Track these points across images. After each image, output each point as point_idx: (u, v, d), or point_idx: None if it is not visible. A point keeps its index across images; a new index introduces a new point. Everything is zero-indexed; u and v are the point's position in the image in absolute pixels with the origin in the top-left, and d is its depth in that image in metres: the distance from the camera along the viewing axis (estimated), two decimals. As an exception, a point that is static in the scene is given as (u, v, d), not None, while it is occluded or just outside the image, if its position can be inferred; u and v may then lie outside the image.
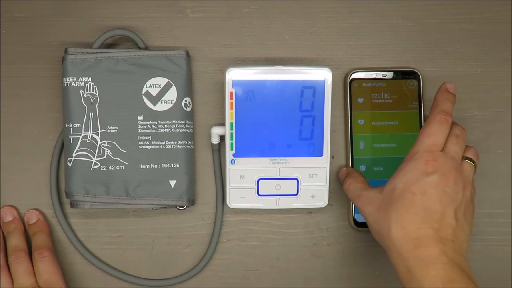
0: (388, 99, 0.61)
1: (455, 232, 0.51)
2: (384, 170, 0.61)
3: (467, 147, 0.55)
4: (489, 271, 0.63)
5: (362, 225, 0.61)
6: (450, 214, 0.51)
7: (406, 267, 0.49)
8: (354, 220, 0.62)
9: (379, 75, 0.61)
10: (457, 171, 0.52)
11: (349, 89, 0.61)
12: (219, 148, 0.62)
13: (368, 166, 0.61)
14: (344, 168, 0.61)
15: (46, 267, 0.57)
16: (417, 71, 0.62)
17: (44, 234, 0.60)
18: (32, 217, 0.61)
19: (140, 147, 0.59)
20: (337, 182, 0.63)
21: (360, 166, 0.61)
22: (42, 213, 0.61)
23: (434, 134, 0.53)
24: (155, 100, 0.59)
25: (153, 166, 0.59)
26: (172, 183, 0.59)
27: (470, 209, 0.54)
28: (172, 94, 0.59)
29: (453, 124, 0.55)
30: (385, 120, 0.61)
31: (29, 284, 0.56)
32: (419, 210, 0.50)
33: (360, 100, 0.61)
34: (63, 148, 0.60)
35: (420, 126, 0.61)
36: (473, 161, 0.54)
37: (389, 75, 0.62)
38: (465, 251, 0.51)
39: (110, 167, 0.59)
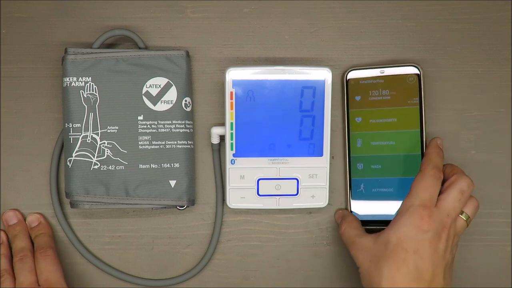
0: (386, 96, 0.61)
1: None
2: (382, 168, 0.61)
3: (469, 199, 0.56)
4: (489, 271, 0.63)
5: (362, 224, 0.61)
6: (439, 274, 0.52)
7: None
8: (354, 219, 0.62)
9: (377, 71, 0.61)
10: (450, 229, 0.53)
11: (346, 87, 0.61)
12: (219, 148, 0.62)
13: (366, 164, 0.61)
14: (340, 211, 0.62)
15: (47, 265, 0.57)
16: (417, 66, 0.61)
17: (46, 235, 0.60)
18: (33, 221, 0.61)
19: (140, 147, 0.59)
20: (337, 182, 0.63)
21: (358, 164, 0.61)
22: (43, 216, 0.61)
23: (429, 188, 0.54)
24: (155, 100, 0.59)
25: (153, 166, 0.59)
26: (172, 183, 0.59)
27: (452, 266, 0.55)
28: (172, 94, 0.59)
29: (463, 176, 0.55)
30: (383, 117, 0.61)
31: (29, 282, 0.56)
32: (411, 269, 0.51)
33: (357, 98, 0.61)
34: (63, 148, 0.60)
35: (421, 122, 0.61)
36: (468, 217, 0.55)
37: (388, 71, 0.61)
38: None
39: (110, 167, 0.59)
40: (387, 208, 0.61)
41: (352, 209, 0.61)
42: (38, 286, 0.56)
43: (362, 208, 0.61)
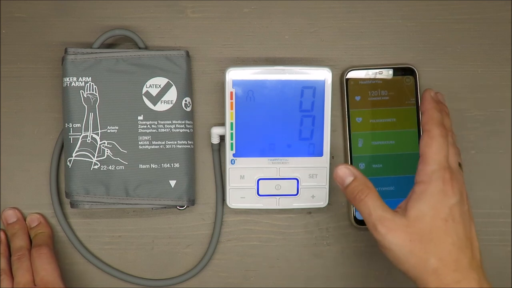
0: (385, 96, 0.61)
1: (479, 251, 0.51)
2: (383, 167, 0.61)
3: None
4: (489, 271, 0.63)
5: (362, 223, 0.61)
6: (474, 235, 0.51)
7: None
8: (355, 218, 0.62)
9: (376, 72, 0.61)
10: (464, 185, 0.51)
11: (345, 87, 0.61)
12: (219, 148, 0.62)
13: (367, 164, 0.61)
14: (345, 167, 0.52)
15: (43, 264, 0.57)
16: (413, 67, 0.62)
17: (45, 234, 0.60)
18: (33, 220, 0.61)
19: (140, 147, 0.59)
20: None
21: (359, 164, 0.61)
22: (43, 216, 0.61)
23: (442, 149, 0.50)
24: (155, 100, 0.59)
25: (153, 166, 0.59)
26: (172, 183, 0.59)
27: None
28: (172, 94, 0.59)
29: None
30: (383, 117, 0.61)
31: (25, 282, 0.56)
32: (454, 239, 0.49)
33: (357, 98, 0.61)
34: (63, 148, 0.60)
35: (418, 122, 0.61)
36: (459, 163, 0.54)
37: (385, 72, 0.62)
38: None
39: (110, 167, 0.59)
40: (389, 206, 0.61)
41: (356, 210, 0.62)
42: (35, 285, 0.56)
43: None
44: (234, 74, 0.57)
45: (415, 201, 0.50)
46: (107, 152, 0.59)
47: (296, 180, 0.59)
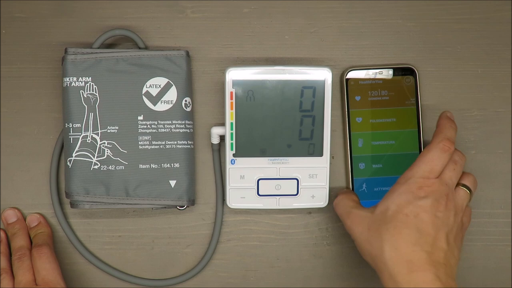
0: (385, 96, 0.61)
1: (447, 256, 0.51)
2: (383, 167, 0.61)
3: (465, 174, 0.56)
4: (489, 271, 0.63)
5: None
6: (442, 238, 0.51)
7: None
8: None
9: (376, 72, 0.61)
10: (449, 198, 0.53)
11: (346, 87, 0.61)
12: (219, 148, 0.62)
13: (367, 164, 0.61)
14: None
15: (43, 264, 0.57)
16: (413, 67, 0.62)
17: (45, 234, 0.60)
18: (33, 220, 0.61)
19: (140, 147, 0.59)
20: (337, 182, 0.62)
21: (359, 164, 0.61)
22: (43, 216, 0.61)
23: (432, 161, 0.53)
24: (155, 100, 0.59)
25: (153, 166, 0.59)
26: (172, 183, 0.59)
27: (460, 236, 0.54)
28: (172, 94, 0.59)
29: (454, 149, 0.55)
30: (383, 117, 0.61)
31: (26, 281, 0.56)
32: (412, 231, 0.51)
33: (357, 98, 0.61)
34: (63, 148, 0.60)
35: (418, 122, 0.61)
36: (469, 189, 0.55)
37: (385, 72, 0.62)
38: (455, 276, 0.51)
39: (110, 167, 0.59)
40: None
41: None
42: (36, 285, 0.56)
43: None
44: (234, 74, 0.57)
45: (384, 198, 0.54)
46: (107, 152, 0.59)
47: (296, 180, 0.59)
